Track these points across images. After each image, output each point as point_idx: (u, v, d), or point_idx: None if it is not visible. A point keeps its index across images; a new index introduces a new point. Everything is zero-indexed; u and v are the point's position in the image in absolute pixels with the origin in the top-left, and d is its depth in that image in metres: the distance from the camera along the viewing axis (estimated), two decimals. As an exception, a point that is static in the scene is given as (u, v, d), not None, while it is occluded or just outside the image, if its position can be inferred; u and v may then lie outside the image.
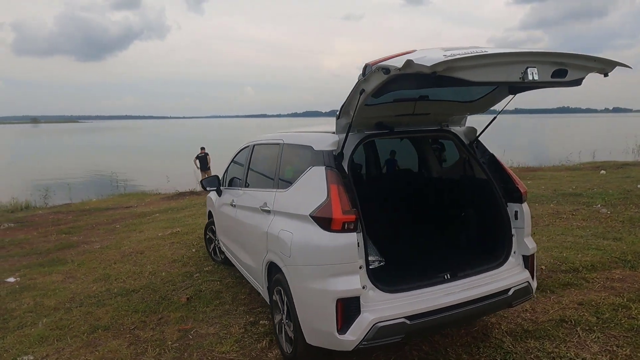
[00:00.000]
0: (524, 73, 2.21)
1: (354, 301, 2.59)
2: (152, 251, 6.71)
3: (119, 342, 3.79)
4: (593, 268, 4.97)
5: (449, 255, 3.54)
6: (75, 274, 5.80)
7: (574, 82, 2.49)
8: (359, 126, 3.04)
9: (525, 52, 2.22)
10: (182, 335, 3.87)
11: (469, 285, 2.90)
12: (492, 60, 2.12)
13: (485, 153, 3.44)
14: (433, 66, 1.96)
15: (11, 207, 14.04)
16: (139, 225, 9.20)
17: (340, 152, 2.88)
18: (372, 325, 2.56)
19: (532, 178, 14.19)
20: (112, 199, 15.14)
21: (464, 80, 2.08)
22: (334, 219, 2.62)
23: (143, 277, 5.49)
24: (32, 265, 6.39)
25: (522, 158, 24.34)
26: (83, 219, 10.59)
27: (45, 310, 4.56)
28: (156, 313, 4.36)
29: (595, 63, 2.44)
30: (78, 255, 6.82)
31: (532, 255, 3.27)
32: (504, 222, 3.24)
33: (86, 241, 7.93)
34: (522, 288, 3.07)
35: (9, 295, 5.08)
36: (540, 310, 4.02)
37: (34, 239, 8.46)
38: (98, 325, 4.13)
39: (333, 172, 2.79)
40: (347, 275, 2.61)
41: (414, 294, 2.75)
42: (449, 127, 3.47)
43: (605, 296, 4.22)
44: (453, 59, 1.96)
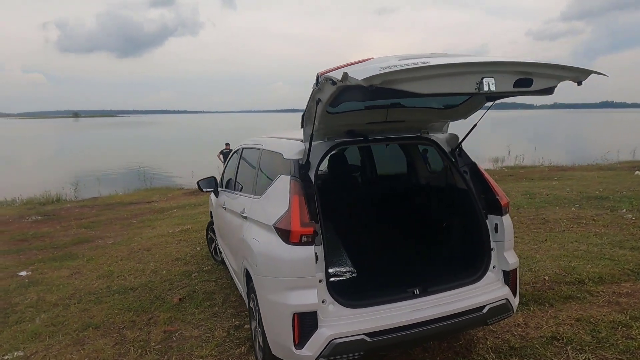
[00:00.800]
0: (479, 84, 2.07)
1: (311, 316, 2.53)
2: (159, 248, 6.86)
3: (106, 341, 3.88)
4: (600, 280, 4.70)
5: (423, 268, 3.40)
6: (83, 269, 6.00)
7: (544, 91, 2.33)
8: (329, 134, 2.96)
9: (477, 63, 2.08)
10: (166, 337, 3.92)
11: (439, 302, 2.78)
12: (439, 71, 2.00)
13: (467, 161, 3.28)
14: (368, 79, 1.87)
15: (43, 200, 14.71)
16: (154, 221, 9.43)
17: (307, 161, 2.81)
18: (328, 341, 2.49)
19: (560, 178, 13.60)
20: (137, 194, 15.61)
21: (410, 92, 1.97)
22: (292, 231, 2.57)
23: (144, 275, 5.61)
24: (45, 259, 6.67)
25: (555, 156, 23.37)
26: (105, 214, 10.96)
27: (46, 305, 4.74)
28: (147, 313, 4.45)
29: (564, 72, 2.27)
30: (90, 251, 7.06)
31: (514, 270, 3.10)
32: (483, 235, 3.08)
33: (101, 236, 8.20)
34: (499, 306, 2.92)
35: (17, 289, 5.31)
36: (533, 325, 3.84)
37: (55, 232, 8.83)
38: (90, 323, 4.25)
39: (297, 182, 2.73)
40: (304, 289, 2.55)
41: (377, 309, 2.66)
42: (429, 134, 3.33)
43: (607, 312, 3.98)
44: (388, 72, 1.86)
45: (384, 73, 1.86)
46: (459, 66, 2.06)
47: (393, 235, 4.01)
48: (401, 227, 3.99)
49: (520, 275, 4.86)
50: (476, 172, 3.24)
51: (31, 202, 14.22)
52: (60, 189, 16.17)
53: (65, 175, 22.64)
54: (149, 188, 17.01)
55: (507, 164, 22.29)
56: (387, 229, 4.08)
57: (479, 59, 2.09)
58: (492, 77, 2.09)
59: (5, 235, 8.70)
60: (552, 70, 2.25)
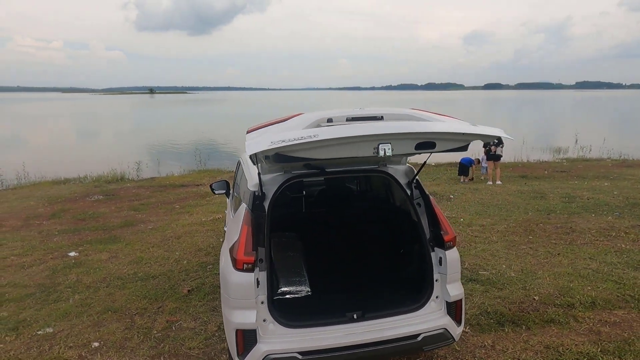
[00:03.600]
0: (376, 149, 2.26)
1: (251, 333, 2.91)
2: (188, 237, 7.58)
3: (118, 325, 4.56)
4: (592, 305, 4.63)
5: (367, 294, 3.63)
6: (119, 254, 6.84)
7: (453, 150, 2.44)
8: (286, 168, 3.25)
9: (370, 135, 2.26)
10: (167, 326, 4.52)
11: (374, 327, 3.04)
12: (329, 143, 2.21)
13: (422, 194, 3.42)
14: (267, 150, 2.14)
15: (110, 178, 16.27)
16: (194, 207, 10.26)
17: (262, 192, 3.14)
18: (264, 356, 2.87)
19: (616, 178, 12.69)
20: (190, 175, 16.74)
21: (310, 158, 2.21)
22: (237, 260, 2.94)
23: (167, 264, 6.31)
24: (93, 241, 7.63)
25: (628, 148, 21.42)
26: (155, 196, 12.03)
27: (81, 287, 5.55)
28: (159, 301, 5.09)
29: (466, 137, 2.37)
30: (131, 235, 7.94)
31: (457, 301, 3.25)
32: (427, 267, 3.25)
33: (145, 220, 9.13)
34: (435, 335, 3.11)
35: (63, 269, 6.23)
36: (499, 348, 3.95)
37: (109, 213, 9.93)
38: (111, 307, 4.97)
39: (249, 213, 3.08)
40: (245, 310, 2.93)
41: (313, 330, 2.98)
42: (387, 166, 3.50)
43: (581, 342, 3.98)
44: (274, 147, 2.12)
45: (273, 148, 2.12)
46: (350, 138, 2.27)
47: (347, 260, 4.28)
48: (355, 252, 4.22)
49: (510, 293, 4.92)
50: (428, 205, 3.38)
51: (99, 180, 15.80)
52: (126, 167, 17.72)
53: (135, 152, 24.52)
54: (201, 170, 18.11)
55: (570, 156, 20.90)
56: (343, 253, 4.36)
57: (372, 132, 2.26)
58: (389, 143, 2.26)
59: (69, 214, 9.95)
60: (453, 136, 2.37)
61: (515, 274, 5.52)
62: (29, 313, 4.88)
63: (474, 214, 8.58)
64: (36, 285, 5.64)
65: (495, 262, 5.95)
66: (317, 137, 2.18)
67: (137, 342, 4.25)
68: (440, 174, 14.46)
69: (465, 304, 4.53)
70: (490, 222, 8.00)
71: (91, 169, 17.46)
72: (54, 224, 9.07)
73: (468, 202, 9.63)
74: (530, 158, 19.86)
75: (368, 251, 4.18)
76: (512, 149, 20.85)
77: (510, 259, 6.07)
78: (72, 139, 35.25)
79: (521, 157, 19.84)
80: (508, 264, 5.87)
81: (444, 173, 14.65)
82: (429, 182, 13.11)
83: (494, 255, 6.20)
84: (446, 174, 14.39)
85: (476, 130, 2.43)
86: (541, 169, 15.59)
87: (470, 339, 4.08)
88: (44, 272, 6.12)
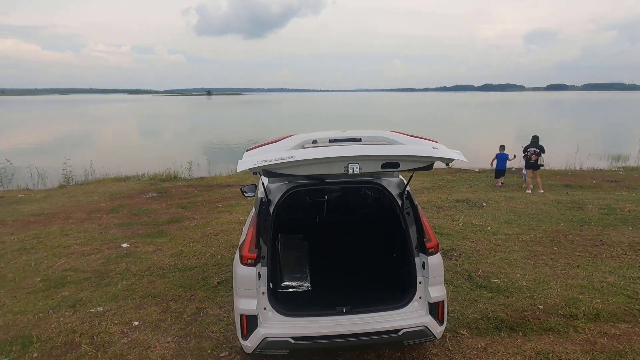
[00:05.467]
0: (346, 168, 2.67)
1: (253, 318, 3.43)
2: (225, 234, 8.28)
3: (156, 308, 5.26)
4: (596, 317, 4.74)
5: (358, 291, 4.03)
6: (164, 247, 7.65)
7: (419, 169, 2.79)
8: (289, 178, 3.73)
9: (338, 157, 2.67)
10: (196, 312, 5.16)
11: (360, 321, 3.44)
12: (304, 162, 2.65)
13: (411, 204, 3.77)
14: (252, 169, 2.63)
15: (164, 177, 17.59)
16: (235, 206, 11.02)
17: (267, 199, 3.65)
18: (262, 338, 3.37)
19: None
20: (237, 176, 17.70)
21: (290, 175, 2.67)
22: (242, 256, 3.47)
23: (203, 258, 7.01)
24: (143, 234, 8.54)
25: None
26: (202, 195, 12.97)
27: (128, 274, 6.36)
28: (192, 290, 5.76)
29: (427, 159, 2.72)
30: (176, 230, 8.78)
31: (439, 303, 3.57)
32: (412, 270, 3.60)
33: (190, 217, 9.99)
34: (416, 331, 3.46)
35: (115, 258, 7.10)
36: (490, 351, 4.20)
37: (159, 210, 10.92)
38: (151, 293, 5.70)
39: (256, 217, 3.60)
40: (248, 298, 3.45)
41: (305, 320, 3.44)
42: (381, 178, 3.88)
43: (573, 350, 4.14)
44: (258, 166, 2.59)
45: (257, 166, 2.61)
46: (322, 159, 2.71)
47: (343, 261, 4.70)
48: (351, 254, 4.63)
49: (515, 301, 5.12)
50: (416, 214, 3.72)
51: (155, 178, 17.15)
52: (179, 167, 19.06)
53: (188, 152, 26.02)
54: (248, 170, 19.05)
55: (629, 164, 19.77)
56: (340, 255, 4.78)
57: (342, 154, 2.68)
58: (357, 163, 2.67)
59: (126, 209, 11.05)
60: (414, 158, 2.73)
61: (527, 283, 5.66)
62: (85, 294, 5.71)
63: (503, 223, 8.62)
64: (92, 271, 6.52)
65: (510, 270, 6.09)
66: (293, 158, 2.64)
67: (169, 323, 4.91)
68: (479, 181, 14.36)
69: (467, 309, 4.82)
70: (517, 231, 8.03)
71: (149, 168, 18.91)
72: (112, 217, 10.15)
73: (500, 211, 9.63)
74: (583, 165, 19.04)
75: (362, 254, 4.59)
76: (565, 155, 20.08)
77: (526, 268, 6.18)
78: (134, 139, 37.91)
79: (574, 164, 19.08)
80: (522, 273, 5.99)
81: (483, 180, 14.53)
82: (465, 188, 13.11)
83: (511, 264, 6.33)
84: (485, 181, 14.27)
85: (434, 154, 2.77)
86: (590, 177, 14.99)
87: (464, 341, 4.35)
88: (99, 260, 7.02)
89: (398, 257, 3.94)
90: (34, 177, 17.09)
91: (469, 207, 9.89)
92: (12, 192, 14.44)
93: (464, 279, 5.81)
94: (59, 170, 17.18)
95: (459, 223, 8.61)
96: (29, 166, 17.31)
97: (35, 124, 53.81)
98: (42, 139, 35.44)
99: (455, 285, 5.60)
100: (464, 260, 6.50)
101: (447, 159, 2.89)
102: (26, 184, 16.49)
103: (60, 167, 17.08)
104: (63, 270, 6.57)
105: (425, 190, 12.95)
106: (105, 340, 4.56)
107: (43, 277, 6.29)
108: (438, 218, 9.05)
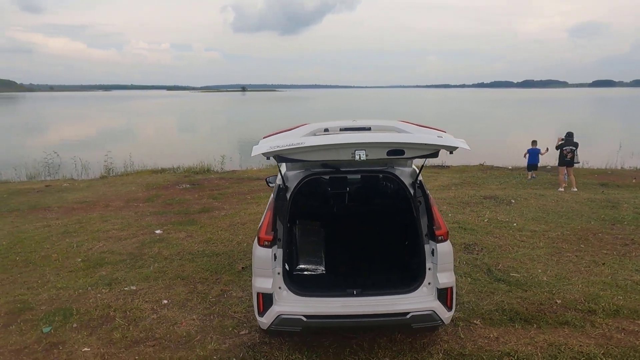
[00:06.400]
0: (353, 154, 2.83)
1: (269, 296, 3.65)
2: (252, 224, 8.58)
3: (184, 289, 5.60)
4: (615, 313, 4.69)
5: (369, 276, 4.17)
6: (194, 234, 8.04)
7: (423, 157, 2.91)
8: (306, 166, 3.92)
9: (344, 144, 2.83)
10: (220, 294, 5.46)
11: (369, 303, 3.60)
12: (313, 149, 2.82)
13: (423, 193, 3.87)
14: (265, 153, 2.83)
15: (198, 169, 18.22)
16: (263, 198, 11.33)
17: (285, 185, 3.85)
18: (277, 315, 3.59)
19: None
20: (267, 169, 18.09)
21: (300, 160, 2.85)
22: (259, 237, 3.70)
23: (230, 245, 7.33)
24: (175, 222, 8.97)
25: None
26: (233, 187, 13.40)
27: (160, 258, 6.75)
28: (218, 274, 6.07)
29: (431, 147, 2.83)
30: (206, 219, 9.18)
31: (447, 289, 3.67)
32: (421, 257, 3.71)
33: (220, 207, 10.39)
34: (423, 315, 3.58)
35: (149, 243, 7.54)
36: (502, 340, 4.26)
37: (192, 200, 11.40)
38: (180, 275, 6.06)
39: (273, 201, 3.81)
40: (265, 278, 3.67)
41: (317, 300, 3.63)
42: (394, 167, 4.00)
43: (587, 344, 4.14)
44: (269, 151, 2.78)
45: (269, 151, 2.81)
46: (329, 145, 2.87)
47: (357, 246, 4.84)
48: (365, 240, 4.76)
49: (533, 295, 5.13)
50: (427, 203, 3.82)
51: (189, 171, 17.79)
52: (212, 160, 19.67)
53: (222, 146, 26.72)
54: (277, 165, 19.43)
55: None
56: (354, 240, 4.93)
57: (348, 140, 2.83)
58: (363, 150, 2.82)
59: (161, 199, 11.59)
60: (419, 146, 2.85)
61: (547, 278, 5.62)
62: (120, 274, 6.13)
63: (530, 220, 8.50)
64: (128, 254, 6.96)
65: (531, 266, 6.06)
66: (303, 144, 2.82)
67: (195, 303, 5.23)
68: (511, 179, 14.08)
69: (483, 301, 4.88)
70: (544, 228, 7.91)
71: (184, 161, 19.60)
72: (148, 206, 10.70)
73: (528, 208, 9.47)
74: (625, 164, 18.25)
75: (376, 241, 4.73)
76: (605, 154, 19.29)
77: (548, 264, 6.12)
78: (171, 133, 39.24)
79: (615, 163, 18.32)
80: (544, 269, 5.95)
81: (515, 177, 14.23)
82: (495, 185, 12.91)
83: (533, 260, 6.28)
84: (517, 179, 13.98)
85: (437, 142, 2.87)
86: (630, 177, 14.40)
87: (477, 330, 4.42)
88: (134, 244, 7.47)
89: (410, 245, 4.06)
90: (78, 168, 18.10)
91: (496, 204, 9.78)
92: (58, 182, 15.37)
93: (482, 272, 5.84)
94: (100, 161, 18.11)
95: (484, 219, 8.55)
96: (73, 158, 18.35)
97: (81, 119, 56.58)
98: (86, 133, 37.29)
99: (474, 277, 5.64)
100: (485, 255, 6.50)
101: (450, 147, 2.98)
102: (71, 174, 17.49)
103: (102, 159, 18.01)
104: (101, 252, 7.05)
105: (454, 186, 12.85)
106: (137, 316, 4.92)
107: (83, 258, 6.78)
108: (463, 214, 9.02)
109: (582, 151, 13.28)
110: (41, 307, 5.15)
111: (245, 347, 4.22)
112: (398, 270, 4.16)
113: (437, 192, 11.78)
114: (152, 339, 4.47)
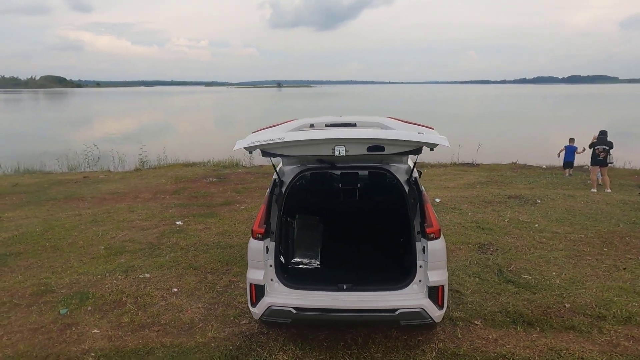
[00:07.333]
0: (333, 150, 2.84)
1: (261, 287, 3.74)
2: (269, 218, 8.74)
3: (194, 278, 5.80)
4: (627, 320, 4.50)
5: (360, 271, 4.17)
6: (212, 226, 8.27)
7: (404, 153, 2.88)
8: (302, 161, 3.97)
9: (324, 139, 2.84)
10: (228, 284, 5.62)
11: (358, 298, 3.62)
12: (294, 144, 2.86)
13: (417, 190, 3.83)
14: (246, 147, 2.90)
15: (227, 164, 18.66)
16: (285, 193, 11.50)
17: (280, 180, 3.92)
18: (267, 306, 3.68)
19: None
20: (294, 165, 18.31)
21: (283, 155, 2.90)
22: (253, 230, 3.79)
23: (245, 238, 7.49)
24: (196, 214, 9.26)
25: None
26: (257, 181, 13.63)
27: (176, 248, 7.01)
28: (228, 265, 6.25)
29: (411, 143, 2.80)
30: (226, 212, 9.41)
31: (438, 287, 3.63)
32: (412, 254, 3.69)
33: (241, 201, 10.62)
34: (412, 312, 3.56)
35: (169, 233, 7.83)
36: (501, 342, 4.18)
37: (216, 193, 11.71)
38: (193, 265, 6.27)
39: (268, 195, 3.89)
40: (257, 269, 3.77)
41: (307, 293, 3.69)
42: (390, 164, 3.97)
43: (590, 349, 4.00)
44: (249, 146, 2.84)
45: (250, 146, 2.87)
46: (309, 140, 2.90)
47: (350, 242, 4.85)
48: (358, 236, 4.75)
49: (541, 298, 5.00)
50: (421, 200, 3.79)
51: (218, 165, 18.24)
52: (241, 155, 20.06)
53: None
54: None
55: None
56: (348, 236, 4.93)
57: (328, 136, 2.84)
58: (343, 146, 2.84)
59: (187, 192, 11.97)
60: (398, 142, 2.83)
61: (560, 281, 5.44)
62: (138, 262, 6.42)
63: (554, 221, 8.19)
64: (147, 243, 7.27)
65: (545, 268, 5.87)
66: (282, 139, 2.87)
67: (203, 292, 5.41)
68: (542, 178, 13.56)
69: (487, 302, 4.80)
70: (567, 230, 7.62)
71: (214, 155, 20.08)
72: (174, 198, 11.08)
73: (554, 209, 9.12)
74: (670, 166, 17.17)
75: (372, 238, 4.72)
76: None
77: (564, 267, 5.91)
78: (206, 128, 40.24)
79: (661, 164, 17.26)
80: (559, 272, 5.75)
81: (547, 177, 13.69)
82: (523, 185, 12.49)
83: (548, 262, 6.08)
84: (548, 178, 13.45)
85: (417, 138, 2.83)
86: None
87: (476, 331, 4.35)
88: (155, 234, 7.79)
89: (404, 242, 4.04)
90: (115, 160, 18.93)
91: (520, 204, 9.48)
92: (95, 173, 16.17)
93: (493, 272, 5.71)
94: (136, 154, 18.88)
95: (505, 219, 8.33)
96: (111, 150, 19.20)
97: (123, 114, 58.95)
98: (126, 127, 38.84)
99: (482, 278, 5.53)
100: (498, 255, 6.35)
101: (430, 144, 2.95)
102: (108, 167, 18.33)
103: (138, 152, 18.76)
104: (123, 241, 7.40)
105: (479, 184, 12.54)
106: (147, 302, 5.16)
107: (106, 246, 7.14)
108: (484, 213, 8.81)
109: (626, 151, 12.57)
110: (61, 290, 5.49)
111: (243, 336, 4.35)
112: (391, 267, 4.16)
113: (461, 190, 11.54)
114: (157, 324, 4.68)
